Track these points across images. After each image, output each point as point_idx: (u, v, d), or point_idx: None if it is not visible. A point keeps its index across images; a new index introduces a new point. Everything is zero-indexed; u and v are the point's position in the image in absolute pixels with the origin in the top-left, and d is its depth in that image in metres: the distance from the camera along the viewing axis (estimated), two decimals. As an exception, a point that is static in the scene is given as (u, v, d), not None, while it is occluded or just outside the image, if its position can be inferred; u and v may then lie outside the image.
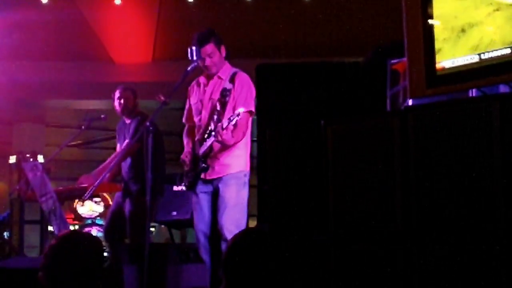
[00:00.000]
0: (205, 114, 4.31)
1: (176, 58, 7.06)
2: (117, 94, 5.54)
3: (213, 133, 4.07)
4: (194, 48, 4.26)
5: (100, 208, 8.64)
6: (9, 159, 9.22)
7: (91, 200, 7.75)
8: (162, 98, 4.23)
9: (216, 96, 4.24)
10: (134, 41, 9.59)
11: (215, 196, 4.21)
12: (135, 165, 5.42)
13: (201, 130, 4.31)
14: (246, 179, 4.23)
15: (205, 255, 4.28)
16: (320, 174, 3.16)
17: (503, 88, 3.27)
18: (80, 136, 6.12)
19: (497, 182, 2.58)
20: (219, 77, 4.33)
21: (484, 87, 3.10)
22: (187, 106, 4.53)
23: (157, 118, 4.49)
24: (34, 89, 9.96)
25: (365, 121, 3.08)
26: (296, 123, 4.39)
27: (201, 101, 4.37)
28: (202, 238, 4.28)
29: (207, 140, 4.15)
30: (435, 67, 3.12)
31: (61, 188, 5.79)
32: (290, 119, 4.41)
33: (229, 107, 4.19)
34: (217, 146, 4.18)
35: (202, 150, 4.20)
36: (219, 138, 3.99)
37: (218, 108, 4.16)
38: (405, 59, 3.34)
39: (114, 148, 5.92)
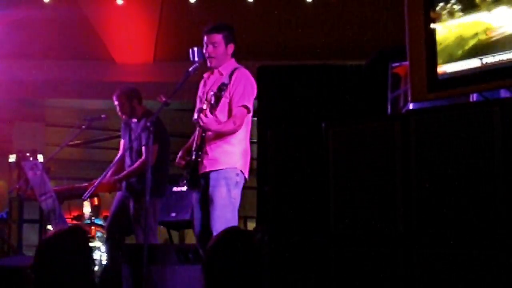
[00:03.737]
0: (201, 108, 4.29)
1: (178, 59, 7.06)
2: (114, 99, 5.54)
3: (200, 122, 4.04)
4: (195, 49, 4.26)
5: (88, 209, 8.68)
6: (8, 157, 9.19)
7: (88, 200, 7.76)
8: (163, 98, 4.23)
9: (213, 90, 4.19)
10: (136, 41, 9.58)
11: (204, 194, 4.17)
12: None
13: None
14: (239, 178, 4.12)
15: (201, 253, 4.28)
16: (321, 176, 3.16)
17: (504, 93, 3.27)
18: (80, 135, 6.11)
19: (498, 186, 2.58)
20: (220, 73, 4.31)
21: (485, 91, 3.11)
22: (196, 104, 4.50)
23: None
24: (34, 87, 9.95)
25: (367, 124, 3.08)
26: (298, 125, 4.39)
27: (201, 96, 4.36)
28: (196, 237, 4.28)
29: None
30: (436, 71, 3.12)
31: (60, 187, 5.79)
32: (291, 121, 4.41)
33: (223, 102, 4.14)
34: (209, 139, 4.14)
35: (194, 144, 4.19)
36: (201, 123, 3.96)
37: (212, 102, 4.09)
38: (406, 62, 3.34)
39: (115, 148, 5.92)
